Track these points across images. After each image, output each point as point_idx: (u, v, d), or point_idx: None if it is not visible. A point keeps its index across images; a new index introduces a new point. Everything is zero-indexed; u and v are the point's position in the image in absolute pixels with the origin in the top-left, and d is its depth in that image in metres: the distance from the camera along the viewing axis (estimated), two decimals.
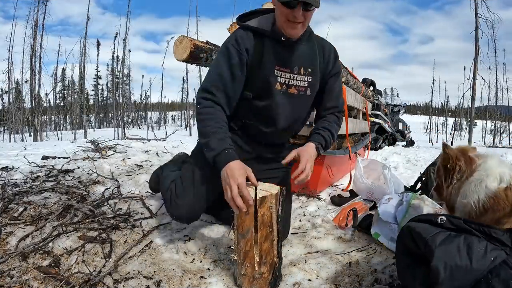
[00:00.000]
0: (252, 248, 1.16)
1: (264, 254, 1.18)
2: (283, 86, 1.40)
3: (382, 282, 1.26)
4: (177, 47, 2.13)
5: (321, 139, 1.42)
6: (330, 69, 1.49)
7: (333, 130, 1.49)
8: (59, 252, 1.42)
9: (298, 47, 1.40)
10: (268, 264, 1.19)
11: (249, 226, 1.16)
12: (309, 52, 1.43)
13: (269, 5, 2.20)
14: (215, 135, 1.26)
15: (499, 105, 19.22)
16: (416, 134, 16.51)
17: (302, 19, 1.28)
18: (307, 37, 1.43)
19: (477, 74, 10.53)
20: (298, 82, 1.42)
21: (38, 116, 14.55)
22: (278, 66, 1.38)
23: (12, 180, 2.37)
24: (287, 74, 1.40)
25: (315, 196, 2.30)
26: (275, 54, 1.38)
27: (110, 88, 28.01)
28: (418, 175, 2.35)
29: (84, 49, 16.85)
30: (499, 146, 15.56)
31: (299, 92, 1.43)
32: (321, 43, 1.50)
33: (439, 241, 0.86)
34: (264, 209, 1.15)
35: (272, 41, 1.38)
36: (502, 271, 0.79)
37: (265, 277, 1.20)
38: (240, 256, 1.19)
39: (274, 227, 1.19)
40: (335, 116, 1.55)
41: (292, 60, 1.39)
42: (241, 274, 1.20)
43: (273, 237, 1.19)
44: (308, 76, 1.43)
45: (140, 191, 2.32)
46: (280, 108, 1.42)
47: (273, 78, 1.38)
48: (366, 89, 4.29)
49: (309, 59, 1.43)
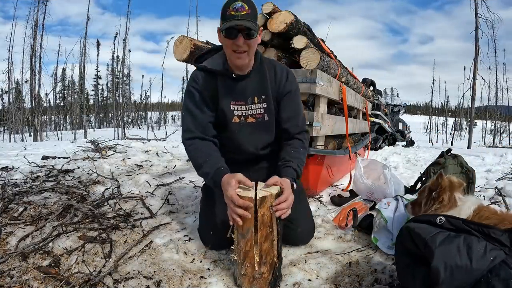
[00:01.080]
0: (252, 248, 1.16)
1: (264, 254, 1.18)
2: (240, 118, 1.50)
3: (382, 282, 1.26)
4: (177, 47, 2.14)
5: (293, 173, 1.37)
6: (282, 89, 1.52)
7: (301, 157, 1.47)
8: (59, 252, 1.42)
9: (249, 79, 1.48)
10: (268, 264, 1.20)
11: (249, 226, 1.16)
12: (261, 80, 1.50)
13: (269, 6, 2.21)
14: (206, 163, 1.37)
15: (499, 105, 19.19)
16: (416, 134, 16.52)
17: (245, 47, 1.35)
18: (257, 66, 1.49)
19: (477, 74, 10.51)
20: (254, 111, 1.50)
21: (38, 116, 14.53)
22: (234, 101, 1.48)
23: (12, 180, 2.37)
24: (242, 106, 1.49)
25: (315, 197, 2.30)
26: (229, 90, 1.47)
27: (110, 88, 28.01)
28: (418, 175, 2.35)
29: (84, 49, 16.82)
30: (499, 146, 15.58)
31: (257, 120, 1.52)
32: (273, 65, 1.55)
33: (439, 242, 0.86)
34: (264, 209, 1.16)
35: (224, 78, 1.47)
36: (502, 271, 0.79)
37: (265, 277, 1.20)
38: (240, 256, 1.19)
39: (274, 227, 1.19)
40: (299, 140, 1.52)
41: (245, 92, 1.48)
42: (241, 274, 1.20)
43: (273, 237, 1.19)
44: (263, 103, 1.50)
45: (140, 191, 2.32)
46: (241, 138, 1.53)
47: (230, 113, 1.49)
48: (366, 89, 4.29)
49: (262, 87, 1.49)
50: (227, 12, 1.30)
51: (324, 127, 2.24)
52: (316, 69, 2.06)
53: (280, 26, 2.14)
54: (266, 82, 1.50)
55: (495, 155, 4.56)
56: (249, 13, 1.30)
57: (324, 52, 2.49)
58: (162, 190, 2.37)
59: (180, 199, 2.21)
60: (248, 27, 1.29)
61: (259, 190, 1.19)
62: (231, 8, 1.29)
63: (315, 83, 2.04)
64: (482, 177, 2.95)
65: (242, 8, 1.28)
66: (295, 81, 1.59)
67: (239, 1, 1.29)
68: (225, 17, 1.31)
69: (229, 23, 1.29)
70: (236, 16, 1.28)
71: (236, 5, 1.28)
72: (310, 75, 2.05)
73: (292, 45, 2.17)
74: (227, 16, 1.30)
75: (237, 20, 1.28)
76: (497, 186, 2.46)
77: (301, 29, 2.25)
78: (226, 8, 1.30)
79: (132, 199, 2.13)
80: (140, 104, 30.13)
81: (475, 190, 2.30)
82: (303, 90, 2.09)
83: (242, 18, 1.28)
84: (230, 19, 1.29)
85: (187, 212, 1.98)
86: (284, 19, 2.13)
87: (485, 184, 2.68)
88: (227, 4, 1.31)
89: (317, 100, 2.21)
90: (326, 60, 2.26)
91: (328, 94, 2.29)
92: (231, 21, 1.29)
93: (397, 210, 1.59)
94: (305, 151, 1.52)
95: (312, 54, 2.12)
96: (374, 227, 1.59)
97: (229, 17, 1.30)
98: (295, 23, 2.16)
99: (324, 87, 2.18)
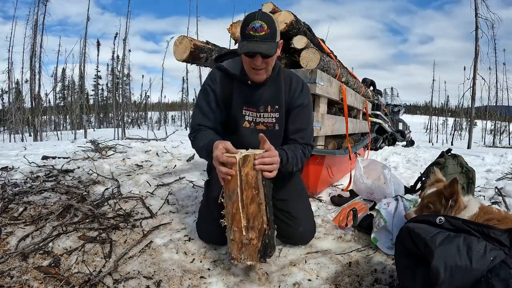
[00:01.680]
0: (239, 211, 1.17)
1: (251, 218, 1.18)
2: (251, 123, 1.52)
3: (382, 282, 1.26)
4: (177, 47, 2.13)
5: (283, 153, 1.35)
6: (294, 100, 1.52)
7: (297, 153, 1.43)
8: (59, 252, 1.42)
9: (264, 88, 1.49)
10: (256, 230, 1.19)
11: (234, 187, 1.17)
12: (275, 90, 1.50)
13: (269, 6, 2.21)
14: (204, 141, 1.38)
15: (499, 105, 19.18)
16: (416, 134, 16.51)
17: (263, 66, 1.37)
18: (274, 76, 1.49)
19: (477, 74, 10.50)
20: (265, 119, 1.52)
21: (38, 116, 14.52)
22: (246, 107, 1.50)
23: (12, 180, 2.37)
24: (253, 113, 1.51)
25: (315, 196, 2.30)
26: (243, 95, 1.49)
27: (110, 88, 27.98)
28: (418, 175, 2.35)
29: (84, 49, 16.80)
30: (499, 146, 15.56)
31: (268, 128, 1.52)
32: (289, 76, 1.55)
33: (439, 242, 0.86)
34: (248, 169, 1.17)
35: (240, 83, 1.48)
36: (502, 271, 0.80)
37: (253, 244, 1.19)
38: (229, 220, 1.20)
39: (261, 189, 1.19)
40: (302, 146, 1.50)
41: (258, 100, 1.49)
42: (230, 240, 1.20)
43: (260, 200, 1.19)
44: (276, 112, 1.51)
45: (140, 191, 2.32)
46: (250, 143, 1.52)
47: (241, 117, 1.51)
48: (366, 89, 4.29)
49: (276, 97, 1.50)
50: (246, 30, 1.29)
51: (324, 127, 2.24)
52: (316, 69, 2.07)
53: (280, 26, 2.13)
54: (280, 93, 1.50)
55: (495, 155, 4.56)
56: (268, 33, 1.28)
57: (324, 52, 2.49)
58: (162, 190, 2.37)
59: (180, 199, 2.20)
60: (266, 50, 1.28)
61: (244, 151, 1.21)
62: (250, 26, 1.28)
63: (315, 83, 2.04)
64: (482, 177, 2.95)
65: (261, 28, 1.27)
66: (309, 95, 1.59)
67: (258, 20, 1.27)
68: (244, 35, 1.30)
69: (247, 44, 1.28)
70: (254, 37, 1.27)
71: (255, 24, 1.27)
72: (310, 75, 2.06)
73: (292, 45, 2.17)
74: (246, 35, 1.29)
75: (256, 42, 1.28)
76: (497, 186, 2.47)
77: (301, 29, 2.25)
78: (245, 26, 1.29)
79: (132, 199, 2.13)
80: (140, 104, 30.14)
81: (475, 190, 2.30)
82: None
83: (260, 39, 1.27)
84: (249, 39, 1.28)
85: (187, 212, 1.98)
86: (284, 19, 2.13)
87: (485, 184, 2.68)
88: (246, 21, 1.29)
89: (317, 100, 2.21)
90: (326, 60, 2.26)
91: (328, 94, 2.29)
92: (249, 43, 1.28)
93: (396, 210, 1.59)
94: (303, 156, 1.49)
95: (312, 54, 2.12)
96: (373, 227, 1.59)
97: (248, 36, 1.29)
98: (295, 23, 2.16)
99: (324, 87, 2.18)
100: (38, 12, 14.60)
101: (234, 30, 2.37)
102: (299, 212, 1.53)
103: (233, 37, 2.42)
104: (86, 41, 16.63)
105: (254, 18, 1.28)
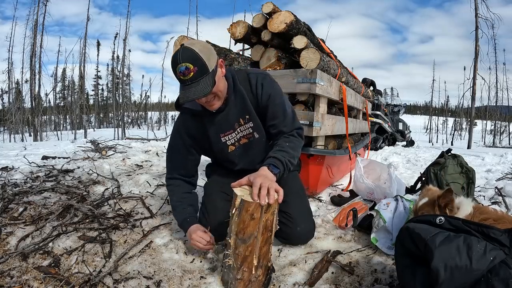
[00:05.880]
0: (252, 253, 1.14)
1: (262, 258, 1.17)
2: (235, 144, 1.54)
3: (382, 282, 1.26)
4: (177, 47, 2.14)
5: (272, 160, 1.33)
6: (260, 98, 1.49)
7: (285, 149, 1.40)
8: (59, 252, 1.42)
9: (229, 107, 1.48)
10: (263, 267, 1.19)
11: (252, 232, 1.12)
12: (240, 102, 1.48)
13: (269, 6, 2.21)
14: (175, 209, 1.55)
15: (499, 105, 19.18)
16: (416, 134, 16.51)
17: (210, 99, 1.37)
18: (232, 92, 1.46)
19: (477, 74, 10.50)
20: (244, 132, 1.53)
21: (38, 116, 14.53)
22: (222, 133, 1.51)
23: (12, 180, 2.38)
24: (231, 134, 1.52)
25: (315, 197, 2.30)
26: (214, 125, 1.50)
27: (110, 88, 28.00)
28: (418, 175, 2.35)
29: (84, 49, 16.79)
30: (499, 146, 15.57)
31: (249, 139, 1.54)
32: (247, 78, 1.50)
33: (439, 242, 0.86)
34: (268, 214, 1.14)
35: (207, 115, 1.49)
36: (502, 271, 0.79)
37: (259, 280, 1.19)
38: (237, 261, 1.15)
39: (273, 229, 1.19)
40: (285, 137, 1.48)
41: (230, 120, 1.50)
42: (237, 279, 1.17)
43: (271, 240, 1.19)
44: (249, 122, 1.51)
45: (140, 191, 2.32)
46: (239, 159, 1.58)
47: (224, 145, 1.53)
48: (366, 89, 4.29)
49: (243, 108, 1.49)
50: (176, 75, 1.27)
51: (324, 127, 2.24)
52: (316, 69, 2.06)
53: (280, 26, 2.14)
54: (245, 101, 1.47)
55: (495, 155, 4.56)
56: (196, 71, 1.23)
57: (324, 52, 2.49)
58: (162, 190, 2.37)
59: None
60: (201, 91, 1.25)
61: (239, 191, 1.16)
62: (178, 71, 1.25)
63: (315, 83, 2.04)
64: (482, 177, 2.96)
65: (188, 70, 1.23)
66: (272, 83, 1.52)
67: (181, 63, 1.23)
68: (178, 79, 1.28)
69: (183, 92, 1.27)
70: (186, 82, 1.25)
71: (181, 69, 1.23)
72: (310, 75, 2.05)
73: (292, 45, 2.17)
74: (179, 80, 1.28)
75: (189, 86, 1.25)
76: (497, 186, 2.47)
77: (301, 29, 2.25)
78: (174, 71, 1.27)
79: (132, 199, 2.13)
80: (140, 104, 30.12)
81: (475, 190, 2.30)
82: (303, 90, 2.10)
83: (191, 81, 1.24)
84: (183, 84, 1.27)
85: None
86: (284, 19, 2.13)
87: (485, 184, 2.68)
88: (173, 65, 1.26)
89: (317, 100, 2.21)
90: (326, 60, 2.26)
91: (328, 94, 2.29)
92: (184, 89, 1.26)
93: (396, 211, 1.59)
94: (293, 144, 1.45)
95: (312, 54, 2.12)
96: (373, 227, 1.59)
97: (181, 81, 1.27)
98: (295, 23, 2.16)
99: (324, 87, 2.18)
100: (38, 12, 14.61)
101: (234, 30, 2.38)
102: (298, 212, 1.53)
103: (233, 37, 2.42)
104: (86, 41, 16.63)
105: (177, 61, 1.24)
